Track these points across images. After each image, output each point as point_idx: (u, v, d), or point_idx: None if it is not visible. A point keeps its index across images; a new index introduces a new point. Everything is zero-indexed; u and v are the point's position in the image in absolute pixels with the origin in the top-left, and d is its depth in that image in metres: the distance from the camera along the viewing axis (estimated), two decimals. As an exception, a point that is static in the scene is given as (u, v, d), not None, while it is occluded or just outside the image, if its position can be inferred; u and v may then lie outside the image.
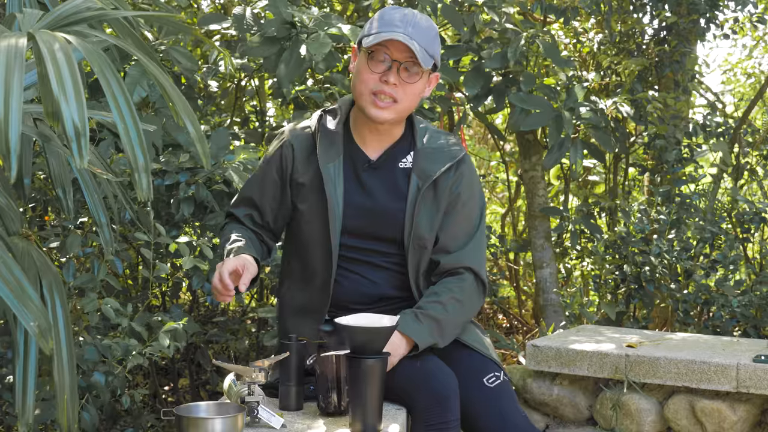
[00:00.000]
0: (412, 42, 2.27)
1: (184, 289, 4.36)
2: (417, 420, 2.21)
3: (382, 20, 2.33)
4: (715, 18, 4.82)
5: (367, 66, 2.32)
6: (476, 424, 2.29)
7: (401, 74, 2.31)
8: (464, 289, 2.41)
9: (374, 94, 2.32)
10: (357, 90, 2.36)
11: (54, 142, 2.21)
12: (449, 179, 2.43)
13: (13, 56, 1.56)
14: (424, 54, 2.29)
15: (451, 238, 2.43)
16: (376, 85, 2.31)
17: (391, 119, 2.36)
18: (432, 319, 2.33)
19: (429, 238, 2.41)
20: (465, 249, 2.44)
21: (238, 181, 3.11)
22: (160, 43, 3.40)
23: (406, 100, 2.34)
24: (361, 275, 2.41)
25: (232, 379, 2.19)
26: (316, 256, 2.41)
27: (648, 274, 4.29)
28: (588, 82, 4.59)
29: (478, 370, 2.37)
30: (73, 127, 1.51)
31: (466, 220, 2.46)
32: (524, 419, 2.32)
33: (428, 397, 2.19)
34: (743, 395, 3.00)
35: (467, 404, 2.28)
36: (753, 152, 5.08)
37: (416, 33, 2.29)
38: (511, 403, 2.34)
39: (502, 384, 2.36)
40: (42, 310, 1.72)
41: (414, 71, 2.32)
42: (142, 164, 1.63)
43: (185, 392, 4.03)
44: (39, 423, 2.71)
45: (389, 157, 2.43)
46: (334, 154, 2.40)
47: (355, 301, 2.40)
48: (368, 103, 2.34)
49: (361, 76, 2.34)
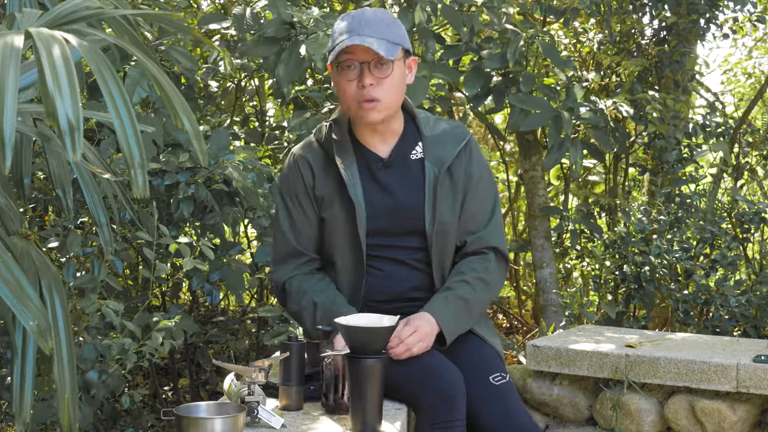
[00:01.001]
0: (363, 39, 2.31)
1: (185, 290, 4.36)
2: (422, 418, 2.22)
3: (335, 34, 2.39)
4: (714, 18, 4.82)
5: (342, 77, 2.38)
6: (478, 421, 2.30)
7: (373, 72, 2.35)
8: (489, 269, 2.49)
9: (359, 102, 2.37)
10: (344, 103, 2.42)
11: (54, 142, 2.21)
12: (462, 161, 2.49)
13: (9, 51, 1.57)
14: (384, 44, 2.32)
15: (471, 218, 2.50)
16: (357, 94, 2.36)
17: (383, 117, 2.40)
18: (460, 299, 2.41)
19: (452, 222, 2.46)
20: (487, 228, 2.51)
21: (238, 180, 3.11)
22: (159, 43, 3.40)
23: (388, 94, 2.38)
24: (387, 273, 2.45)
25: (232, 379, 2.19)
26: (344, 260, 2.46)
27: (648, 274, 4.29)
28: (588, 82, 4.59)
29: (486, 365, 2.40)
30: (67, 122, 1.51)
31: (484, 199, 2.52)
32: (529, 418, 2.33)
33: (434, 396, 2.20)
34: (743, 395, 3.00)
35: (471, 400, 2.29)
36: (753, 152, 5.08)
37: (368, 29, 2.33)
38: (515, 402, 2.36)
39: (507, 384, 2.38)
40: (41, 310, 1.72)
41: (383, 65, 2.35)
42: (138, 161, 1.63)
43: (185, 392, 4.03)
44: (38, 423, 2.70)
45: (399, 152, 2.48)
46: (348, 161, 2.44)
47: (385, 299, 2.45)
48: (357, 112, 2.39)
49: (342, 90, 2.40)
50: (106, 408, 3.14)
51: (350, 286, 2.46)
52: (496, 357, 2.46)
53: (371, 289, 2.45)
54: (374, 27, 2.34)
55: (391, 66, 2.36)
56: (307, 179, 2.48)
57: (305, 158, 2.50)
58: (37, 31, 1.64)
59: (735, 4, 4.90)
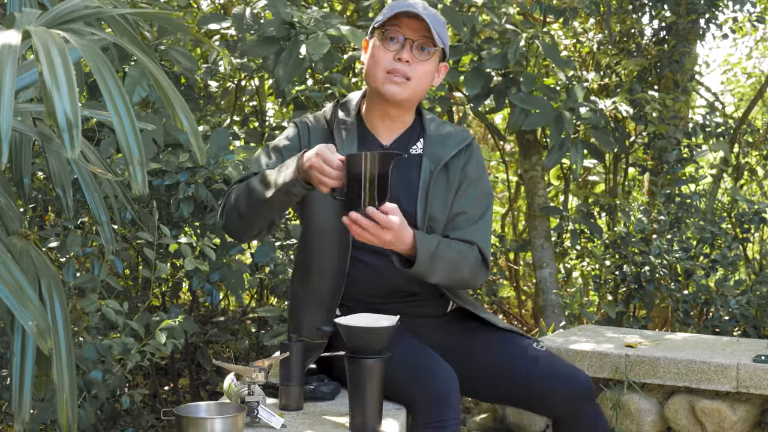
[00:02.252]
0: (425, 16, 2.32)
1: (185, 290, 4.36)
2: (416, 418, 2.21)
3: (393, 2, 2.39)
4: (714, 18, 4.82)
5: (381, 46, 2.37)
6: (533, 377, 2.36)
7: (414, 52, 2.36)
8: (469, 253, 2.41)
9: (389, 73, 2.36)
10: (371, 73, 2.39)
11: (54, 142, 2.21)
12: (460, 161, 2.48)
13: (7, 48, 1.57)
14: (436, 34, 2.34)
15: (460, 216, 2.46)
16: (390, 63, 2.36)
17: (404, 97, 2.39)
18: (443, 241, 2.34)
19: (441, 219, 2.44)
20: (474, 227, 2.46)
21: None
22: (159, 43, 3.40)
23: (418, 79, 2.38)
24: (372, 267, 2.42)
25: (232, 379, 2.19)
26: (330, 246, 2.41)
27: (648, 274, 4.29)
28: (588, 82, 4.59)
29: (523, 343, 2.45)
30: (65, 119, 1.51)
31: (476, 201, 2.49)
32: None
33: (428, 395, 2.19)
34: (743, 395, 3.00)
35: (519, 367, 2.37)
36: (753, 152, 5.08)
37: (428, 14, 2.35)
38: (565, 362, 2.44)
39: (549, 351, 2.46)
40: (41, 310, 1.72)
41: (426, 50, 2.37)
42: (137, 158, 1.63)
43: (185, 392, 4.03)
44: (38, 423, 2.70)
45: (401, 144, 2.47)
46: (349, 141, 2.42)
47: (368, 294, 2.43)
48: (382, 82, 2.37)
49: (375, 57, 2.38)
50: (106, 408, 3.14)
51: (333, 277, 2.40)
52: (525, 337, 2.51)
53: (353, 284, 2.41)
54: (434, 17, 2.36)
55: (431, 54, 2.38)
56: (303, 141, 2.44)
57: (307, 125, 2.48)
58: (35, 30, 1.64)
59: (735, 4, 4.90)
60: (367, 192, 2.09)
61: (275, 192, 2.23)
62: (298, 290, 2.51)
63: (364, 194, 2.10)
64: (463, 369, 2.38)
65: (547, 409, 2.41)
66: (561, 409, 2.37)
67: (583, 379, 2.38)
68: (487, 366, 2.43)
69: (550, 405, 2.38)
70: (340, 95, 3.70)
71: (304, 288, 2.49)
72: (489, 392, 2.50)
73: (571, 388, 2.35)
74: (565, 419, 2.38)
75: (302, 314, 2.47)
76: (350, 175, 2.10)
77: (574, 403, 2.36)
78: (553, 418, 2.42)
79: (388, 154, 2.10)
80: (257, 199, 2.28)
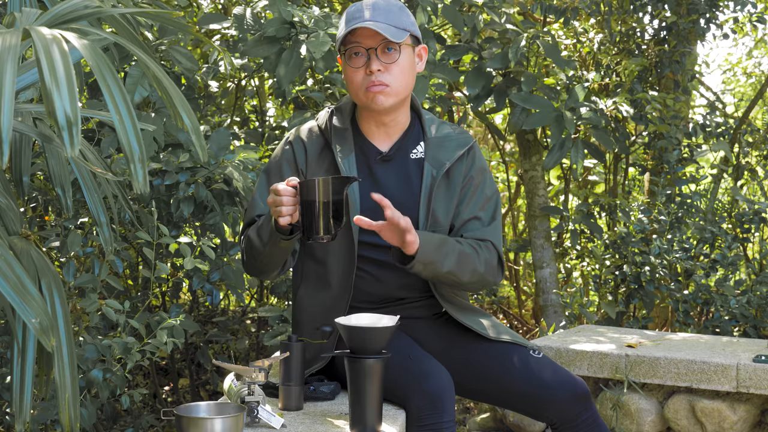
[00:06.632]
0: (370, 23, 2.30)
1: (185, 290, 4.36)
2: (411, 420, 2.20)
3: (343, 21, 2.37)
4: (714, 18, 4.82)
5: (349, 66, 2.36)
6: (530, 384, 2.36)
7: (381, 57, 2.33)
8: (482, 248, 2.40)
9: (367, 89, 2.34)
10: (352, 93, 2.40)
11: (54, 142, 2.21)
12: (462, 165, 2.46)
13: (7, 48, 1.57)
14: (391, 29, 2.31)
15: (472, 221, 2.45)
16: (364, 81, 2.34)
17: (391, 103, 2.37)
18: (449, 240, 2.34)
19: (445, 225, 2.43)
20: (488, 228, 2.45)
21: (238, 179, 3.11)
22: (159, 43, 3.40)
23: (397, 80, 2.35)
24: (377, 276, 2.41)
25: (232, 379, 2.19)
26: (335, 256, 2.40)
27: (648, 274, 4.29)
28: (588, 82, 4.59)
29: (520, 349, 2.44)
30: (65, 117, 1.51)
31: (485, 204, 2.47)
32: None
33: (422, 398, 2.18)
34: (743, 395, 3.00)
35: (515, 374, 2.36)
36: (753, 152, 5.08)
37: (376, 14, 2.32)
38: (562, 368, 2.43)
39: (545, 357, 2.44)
40: (43, 307, 1.72)
41: (391, 50, 2.34)
42: (138, 156, 1.63)
43: (185, 392, 4.03)
44: (39, 423, 2.70)
45: (400, 149, 2.45)
46: (346, 150, 2.41)
47: (373, 302, 2.42)
48: (365, 99, 2.36)
49: (349, 78, 2.37)
50: (107, 408, 3.14)
51: (339, 285, 2.40)
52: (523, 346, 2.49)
53: (359, 292, 2.40)
54: (380, 13, 2.33)
55: (399, 51, 2.34)
56: (299, 160, 2.43)
57: (301, 141, 2.45)
58: (35, 30, 1.65)
59: (735, 4, 4.90)
60: (321, 217, 2.11)
61: (269, 248, 2.29)
62: (303, 298, 2.50)
63: (319, 220, 2.12)
64: (459, 371, 2.38)
65: (543, 416, 2.40)
66: (558, 415, 2.36)
67: (579, 386, 2.37)
68: (483, 370, 2.42)
69: (547, 412, 2.37)
70: (339, 95, 3.70)
71: (309, 296, 2.48)
72: (485, 396, 2.49)
73: (568, 396, 2.34)
74: (563, 425, 2.37)
75: (307, 324, 2.46)
76: (304, 201, 2.13)
77: (572, 410, 2.35)
78: (550, 424, 2.41)
79: (342, 178, 2.13)
80: (260, 253, 2.33)
